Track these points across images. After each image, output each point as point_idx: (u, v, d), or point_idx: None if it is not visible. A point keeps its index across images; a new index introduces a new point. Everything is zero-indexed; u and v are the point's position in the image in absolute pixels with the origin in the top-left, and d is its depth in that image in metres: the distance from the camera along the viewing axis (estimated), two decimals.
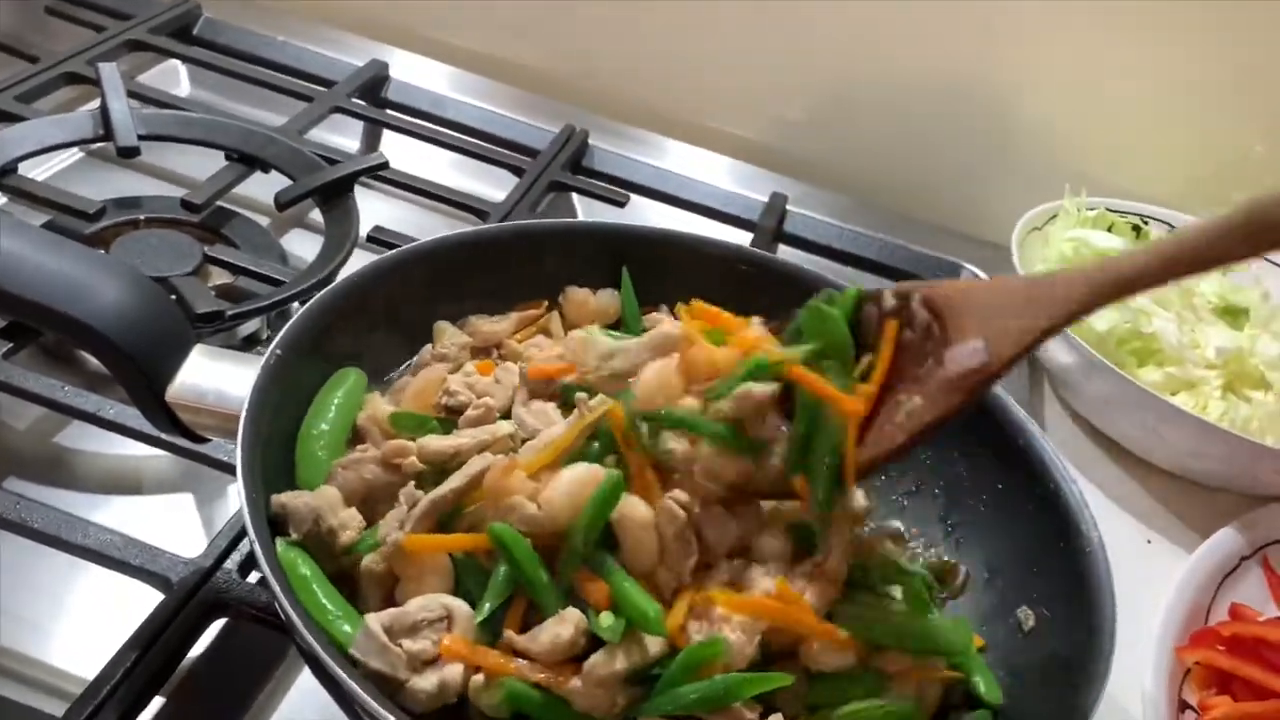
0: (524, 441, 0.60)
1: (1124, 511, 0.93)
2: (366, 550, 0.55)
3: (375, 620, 0.52)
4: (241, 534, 0.66)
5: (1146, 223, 1.13)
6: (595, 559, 0.54)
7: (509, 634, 0.53)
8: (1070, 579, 0.62)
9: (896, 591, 0.62)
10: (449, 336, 0.70)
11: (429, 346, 0.69)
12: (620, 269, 0.76)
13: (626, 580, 0.53)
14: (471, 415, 0.62)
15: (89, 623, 0.66)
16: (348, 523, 0.55)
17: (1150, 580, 0.80)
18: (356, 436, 0.63)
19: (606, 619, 0.52)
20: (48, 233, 0.60)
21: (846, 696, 0.55)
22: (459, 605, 0.53)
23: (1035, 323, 0.52)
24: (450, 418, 0.63)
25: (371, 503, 0.58)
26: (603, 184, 1.11)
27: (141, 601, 0.62)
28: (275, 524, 0.57)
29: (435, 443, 0.58)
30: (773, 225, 1.10)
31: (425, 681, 0.52)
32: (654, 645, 0.53)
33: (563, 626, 0.52)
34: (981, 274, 1.12)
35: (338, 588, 0.55)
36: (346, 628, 0.52)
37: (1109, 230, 1.11)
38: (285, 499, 0.56)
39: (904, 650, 0.58)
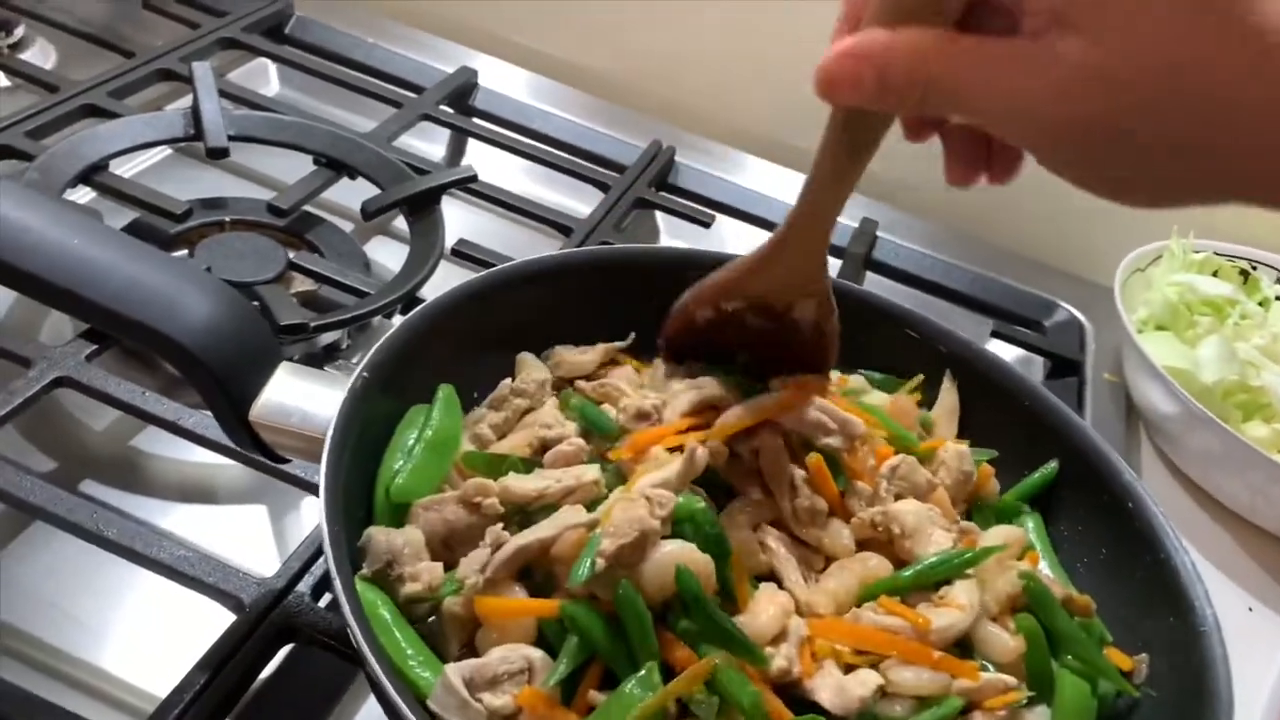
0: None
1: (1224, 575, 0.88)
2: (449, 594, 0.53)
3: (456, 672, 0.49)
4: (314, 556, 0.64)
5: (1255, 268, 1.08)
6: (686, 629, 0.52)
7: (590, 694, 0.50)
8: (1181, 658, 0.58)
9: None
10: (530, 371, 0.67)
11: (508, 381, 0.66)
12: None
13: (719, 656, 0.51)
14: (563, 451, 0.59)
15: (155, 635, 0.65)
16: (419, 575, 0.53)
17: (1251, 650, 0.76)
18: None
19: (700, 696, 0.49)
20: (139, 242, 0.59)
21: None
22: (540, 658, 0.51)
23: (819, 263, 0.62)
24: (536, 458, 0.61)
25: (454, 544, 0.56)
26: (688, 202, 1.08)
27: (210, 616, 0.61)
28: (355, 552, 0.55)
29: (517, 485, 0.56)
30: (863, 252, 1.06)
31: None
32: None
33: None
34: (1080, 315, 1.07)
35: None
36: (426, 674, 0.50)
37: (1215, 275, 1.06)
38: (373, 533, 0.54)
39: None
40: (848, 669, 0.55)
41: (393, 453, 0.60)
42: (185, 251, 0.86)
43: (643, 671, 0.49)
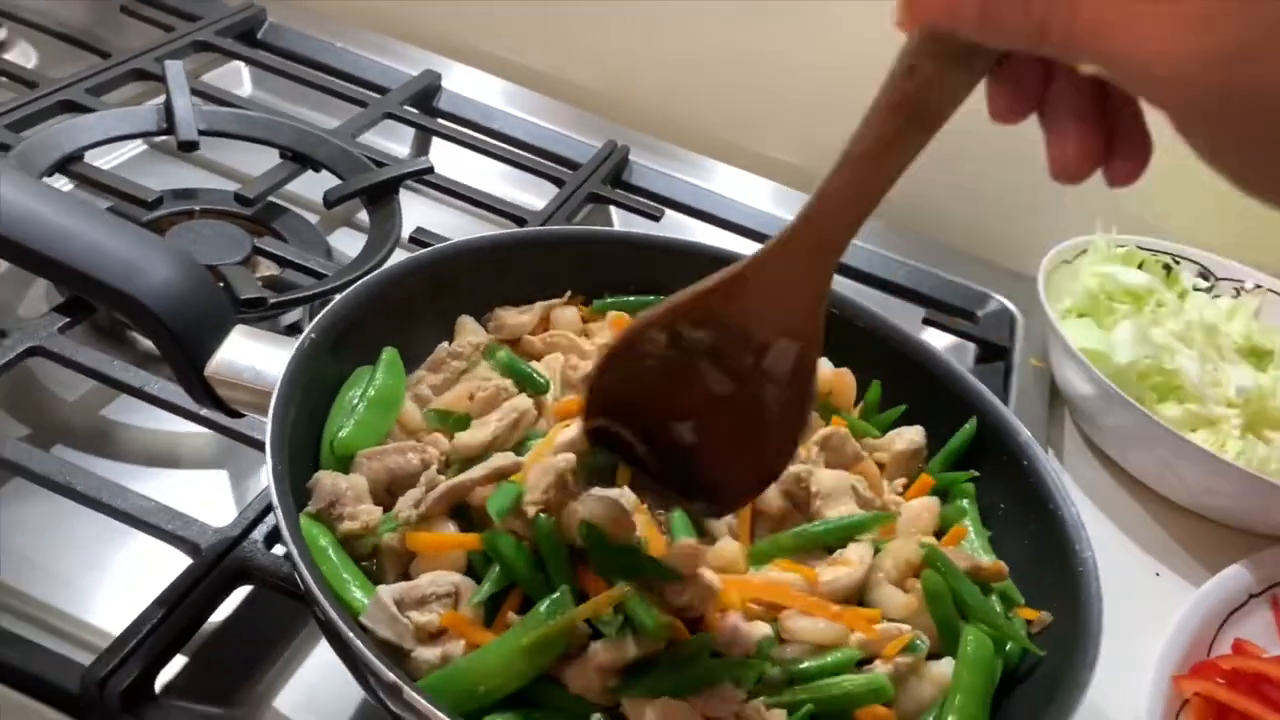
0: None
1: (1135, 543, 0.94)
2: (386, 532, 0.58)
3: (387, 592, 0.55)
4: (268, 508, 0.69)
5: (1178, 262, 1.14)
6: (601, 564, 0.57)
7: (509, 615, 0.55)
8: (1064, 595, 0.64)
9: None
10: (467, 334, 0.72)
11: (445, 344, 0.71)
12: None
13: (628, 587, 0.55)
14: (484, 396, 0.64)
15: (121, 583, 0.69)
16: (358, 515, 0.58)
17: (1156, 612, 0.81)
18: None
19: (607, 617, 0.54)
20: (107, 213, 0.64)
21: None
22: (467, 584, 0.56)
23: (816, 294, 0.50)
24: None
25: (395, 490, 0.61)
26: (639, 198, 1.14)
27: (173, 566, 0.65)
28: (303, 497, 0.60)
29: (468, 438, 0.61)
30: None
31: (429, 653, 0.55)
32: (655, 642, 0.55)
33: None
34: (1011, 305, 1.13)
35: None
36: (360, 596, 0.55)
37: (1139, 267, 1.12)
38: (320, 475, 0.59)
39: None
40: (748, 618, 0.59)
41: (339, 409, 0.65)
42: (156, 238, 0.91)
43: (556, 594, 0.54)
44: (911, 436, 0.73)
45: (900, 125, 0.45)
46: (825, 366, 0.74)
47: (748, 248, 1.11)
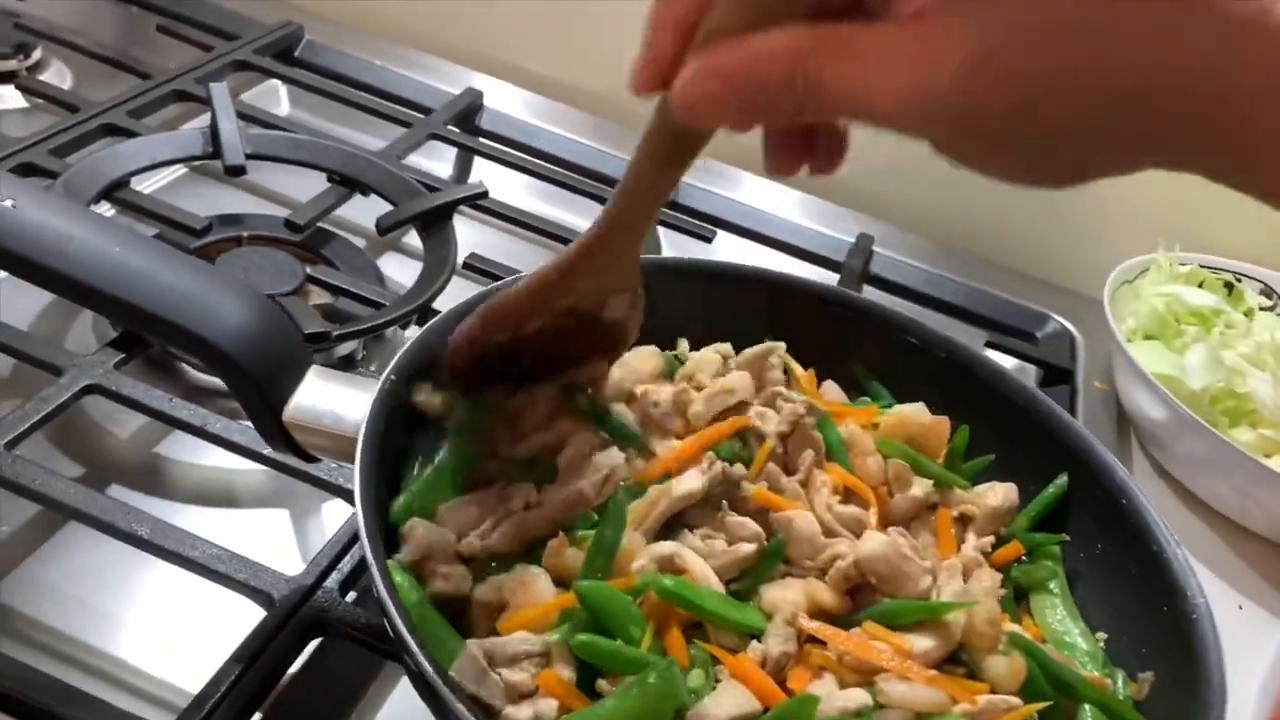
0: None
1: (1214, 575, 0.91)
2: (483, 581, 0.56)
3: (477, 646, 0.52)
4: (340, 554, 0.66)
5: (1239, 280, 1.12)
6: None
7: (601, 682, 0.53)
8: (1176, 646, 0.61)
9: None
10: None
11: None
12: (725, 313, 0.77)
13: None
14: (569, 452, 0.61)
15: (190, 633, 0.67)
16: (450, 575, 0.56)
17: (1241, 647, 0.77)
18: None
19: (697, 678, 0.52)
20: (175, 250, 0.61)
21: None
22: (560, 644, 0.54)
23: (635, 256, 0.61)
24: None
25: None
26: (689, 218, 1.11)
27: (237, 614, 0.63)
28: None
29: (558, 493, 0.59)
30: (859, 266, 1.10)
31: (521, 713, 0.52)
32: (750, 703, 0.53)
33: None
34: (1070, 326, 1.11)
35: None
36: (451, 652, 0.53)
37: (1200, 286, 1.10)
38: (416, 523, 0.57)
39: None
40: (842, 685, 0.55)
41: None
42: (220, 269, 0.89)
43: (663, 664, 0.51)
44: (1005, 494, 0.69)
45: (665, 161, 0.55)
46: (922, 412, 0.71)
47: (797, 267, 1.10)
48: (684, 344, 0.76)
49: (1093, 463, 0.71)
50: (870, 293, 1.10)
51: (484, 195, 0.99)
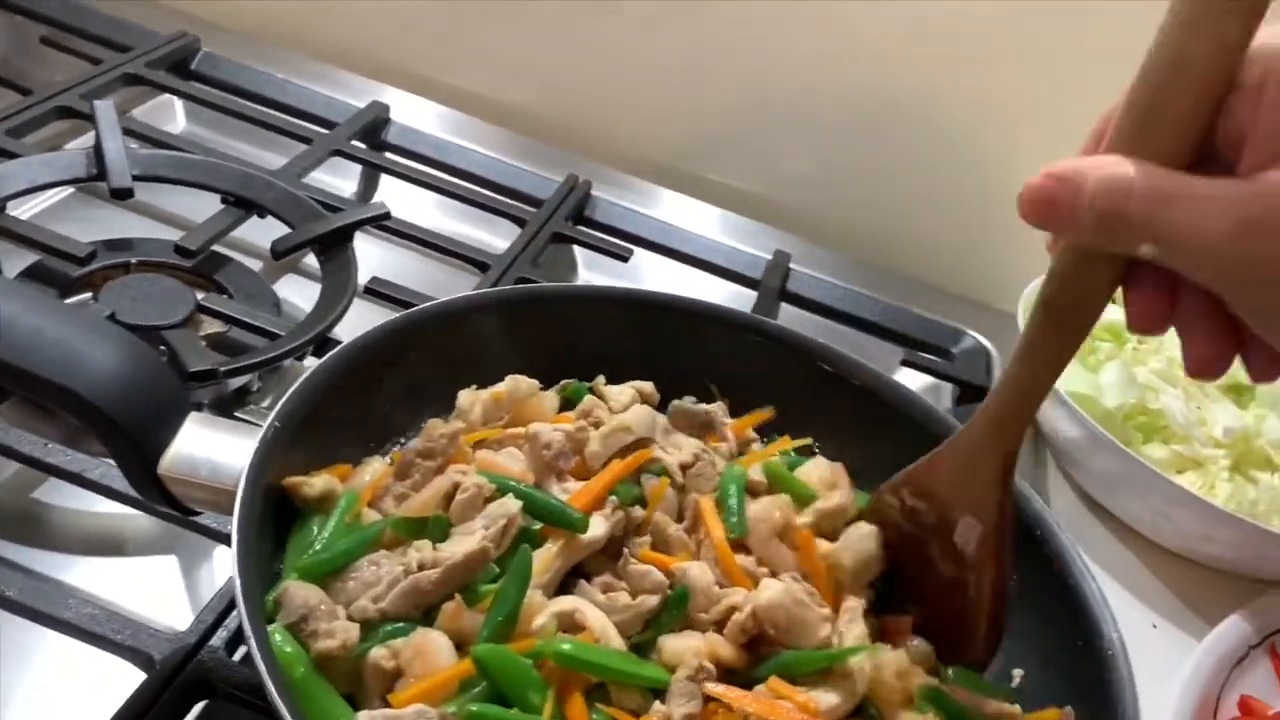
0: None
1: (1129, 594, 0.91)
2: (379, 643, 0.53)
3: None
4: (228, 609, 0.63)
5: None
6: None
7: None
8: (1091, 681, 0.60)
9: None
10: (439, 428, 0.64)
11: (435, 421, 0.65)
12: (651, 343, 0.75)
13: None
14: (463, 500, 0.58)
15: (62, 698, 0.62)
16: (334, 633, 0.52)
17: (1157, 667, 0.78)
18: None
19: None
20: (37, 293, 0.58)
21: None
22: (457, 717, 0.51)
23: (993, 477, 0.57)
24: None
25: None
26: (605, 236, 1.09)
27: (119, 675, 0.59)
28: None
29: (453, 548, 0.56)
30: (777, 285, 1.08)
31: None
32: None
33: None
34: (987, 342, 1.10)
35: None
36: None
37: (1114, 302, 1.10)
38: (290, 586, 0.53)
39: None
40: None
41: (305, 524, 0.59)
42: (89, 295, 0.84)
43: None
44: (860, 545, 0.64)
45: (1043, 326, 0.53)
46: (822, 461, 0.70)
47: (714, 284, 1.09)
48: (601, 380, 0.73)
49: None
50: (787, 310, 1.09)
51: (386, 216, 0.95)
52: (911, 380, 1.03)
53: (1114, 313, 1.05)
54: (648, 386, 0.72)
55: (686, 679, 0.53)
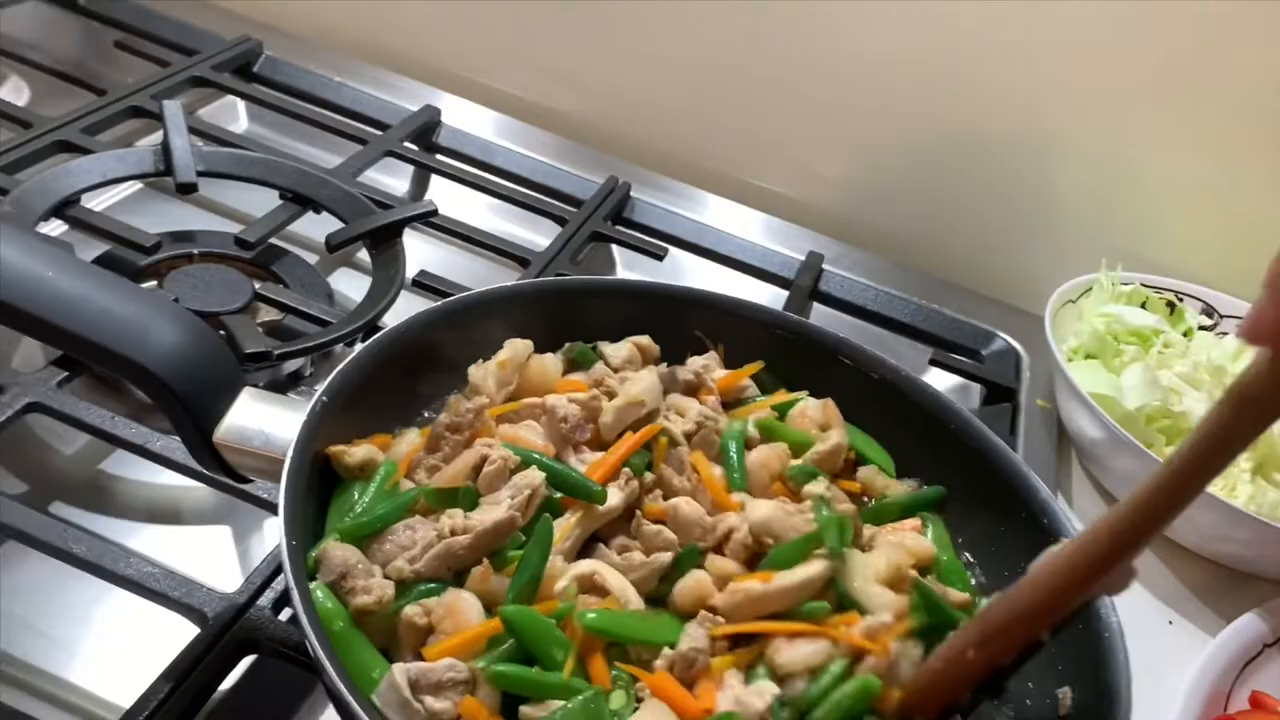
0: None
1: (1146, 591, 0.93)
2: (412, 601, 0.57)
3: (401, 673, 0.53)
4: (275, 572, 0.68)
5: (1181, 299, 1.14)
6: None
7: (525, 709, 0.54)
8: (1089, 663, 0.63)
9: None
10: (463, 402, 0.68)
11: (441, 416, 0.67)
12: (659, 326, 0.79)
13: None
14: (490, 473, 0.62)
15: (124, 650, 0.68)
16: (371, 589, 0.56)
17: (1170, 662, 0.81)
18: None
19: (618, 699, 0.54)
20: (110, 274, 0.62)
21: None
22: (485, 671, 0.55)
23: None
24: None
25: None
26: (642, 236, 1.13)
27: (173, 631, 0.64)
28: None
29: (481, 517, 0.59)
30: (809, 284, 1.11)
31: None
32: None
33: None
34: (1017, 344, 1.12)
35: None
36: (375, 675, 0.54)
37: (1143, 306, 1.12)
38: (329, 547, 0.58)
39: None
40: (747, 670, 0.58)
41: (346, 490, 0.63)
42: (154, 283, 0.90)
43: (588, 693, 0.53)
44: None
45: (1232, 416, 0.49)
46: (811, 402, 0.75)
47: (748, 284, 1.12)
48: (602, 345, 0.78)
49: (1016, 480, 0.72)
50: (819, 310, 1.12)
51: (433, 213, 1.00)
52: (940, 380, 1.06)
53: (1141, 316, 1.07)
54: (645, 340, 0.77)
55: (696, 624, 0.57)
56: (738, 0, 1.22)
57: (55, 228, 0.94)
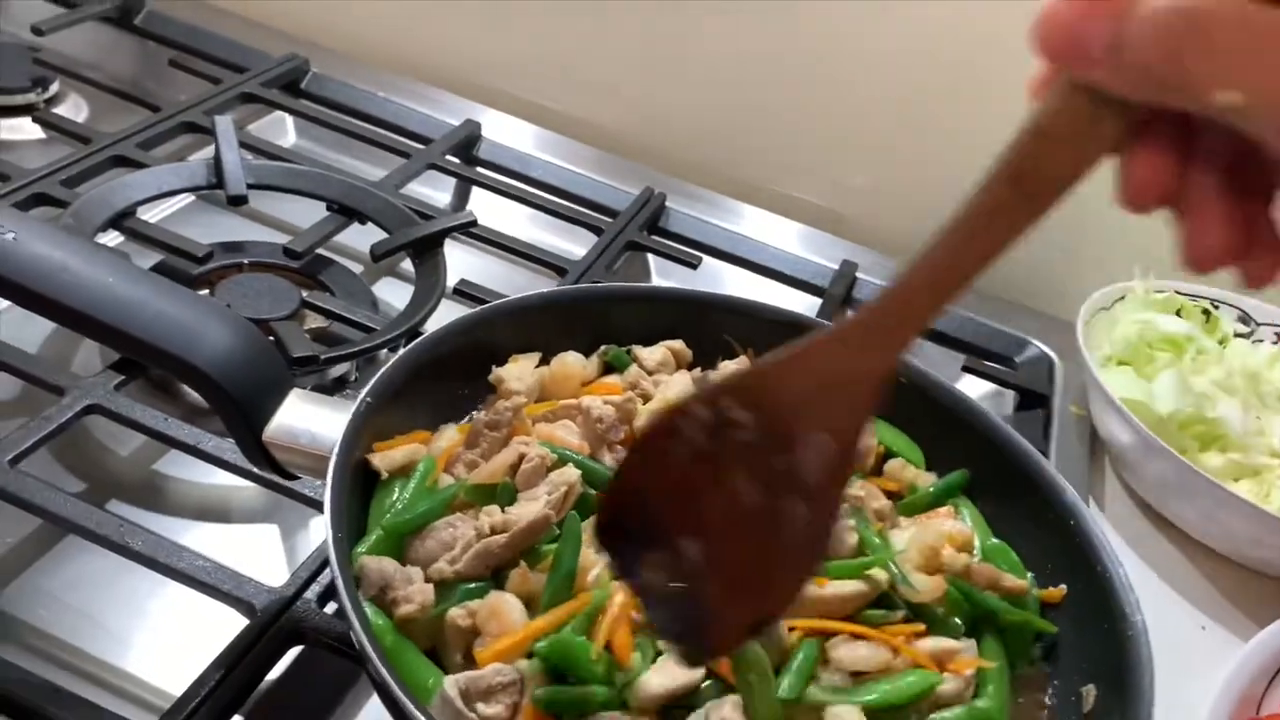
0: None
1: (1179, 595, 0.93)
2: (456, 604, 0.59)
3: (453, 684, 0.55)
4: (321, 567, 0.70)
5: (1217, 307, 1.14)
6: None
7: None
8: (1113, 661, 0.63)
9: None
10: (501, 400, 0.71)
11: (478, 413, 0.71)
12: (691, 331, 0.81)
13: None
14: (527, 470, 0.65)
15: (176, 640, 0.71)
16: (413, 597, 0.58)
17: (1203, 667, 0.81)
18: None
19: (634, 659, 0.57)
20: (165, 280, 0.65)
21: None
22: (532, 671, 0.57)
23: (871, 388, 0.45)
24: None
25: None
26: (677, 245, 1.15)
27: (223, 623, 0.66)
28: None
29: (520, 512, 0.62)
30: (842, 292, 1.13)
31: None
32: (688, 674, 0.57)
33: None
34: (1050, 352, 1.13)
35: None
36: (430, 684, 0.56)
37: (1178, 314, 1.12)
38: (365, 561, 0.60)
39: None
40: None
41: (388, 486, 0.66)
42: (206, 291, 0.93)
43: None
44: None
45: (1002, 197, 0.41)
46: None
47: (781, 293, 1.13)
48: (636, 348, 0.80)
49: (1044, 484, 0.73)
50: None
51: (473, 224, 1.03)
52: (973, 387, 1.07)
53: (1174, 324, 1.08)
54: (678, 344, 0.79)
55: None
56: (771, 15, 1.24)
57: (113, 239, 0.98)
